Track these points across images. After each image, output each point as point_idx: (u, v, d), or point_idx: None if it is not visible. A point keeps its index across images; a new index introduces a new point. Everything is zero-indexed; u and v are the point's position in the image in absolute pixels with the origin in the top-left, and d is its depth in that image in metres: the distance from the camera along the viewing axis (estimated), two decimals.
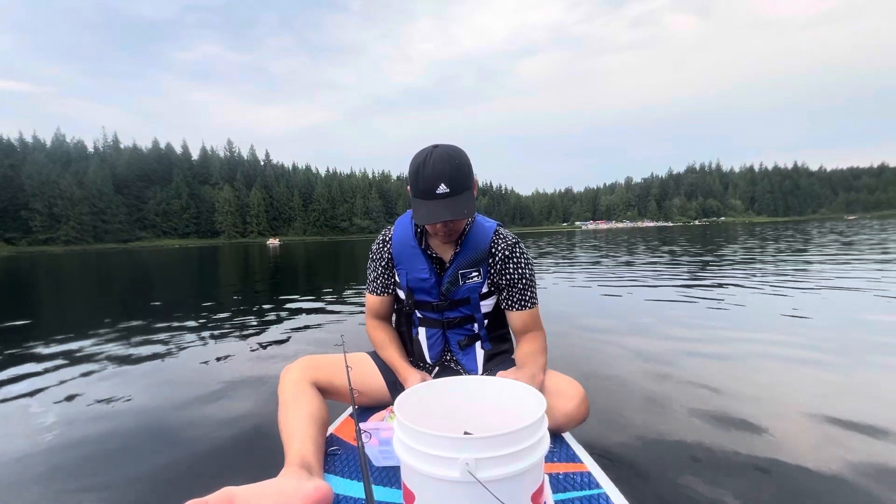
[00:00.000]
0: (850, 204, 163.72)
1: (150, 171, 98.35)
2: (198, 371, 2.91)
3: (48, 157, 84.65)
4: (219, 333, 3.97)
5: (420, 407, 0.94)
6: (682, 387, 2.27)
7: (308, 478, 1.04)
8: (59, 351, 3.47)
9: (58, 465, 1.69)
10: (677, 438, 1.73)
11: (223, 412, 2.16)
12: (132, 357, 3.25)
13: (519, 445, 0.76)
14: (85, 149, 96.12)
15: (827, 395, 2.14)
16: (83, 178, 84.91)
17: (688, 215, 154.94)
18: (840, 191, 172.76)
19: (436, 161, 1.24)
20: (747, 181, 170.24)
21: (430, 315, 1.50)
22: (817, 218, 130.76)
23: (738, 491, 1.39)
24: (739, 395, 2.15)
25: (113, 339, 3.87)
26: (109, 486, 1.54)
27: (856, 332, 3.26)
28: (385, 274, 1.53)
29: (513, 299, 1.46)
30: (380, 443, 1.14)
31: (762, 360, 2.67)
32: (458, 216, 1.23)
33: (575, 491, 1.07)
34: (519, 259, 1.44)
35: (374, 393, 1.48)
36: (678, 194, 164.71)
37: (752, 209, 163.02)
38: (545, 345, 1.46)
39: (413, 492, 0.81)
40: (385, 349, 1.50)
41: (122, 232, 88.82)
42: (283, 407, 1.27)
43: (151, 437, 1.92)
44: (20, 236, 78.11)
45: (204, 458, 1.72)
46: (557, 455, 1.23)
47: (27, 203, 78.23)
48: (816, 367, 2.53)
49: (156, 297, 7.44)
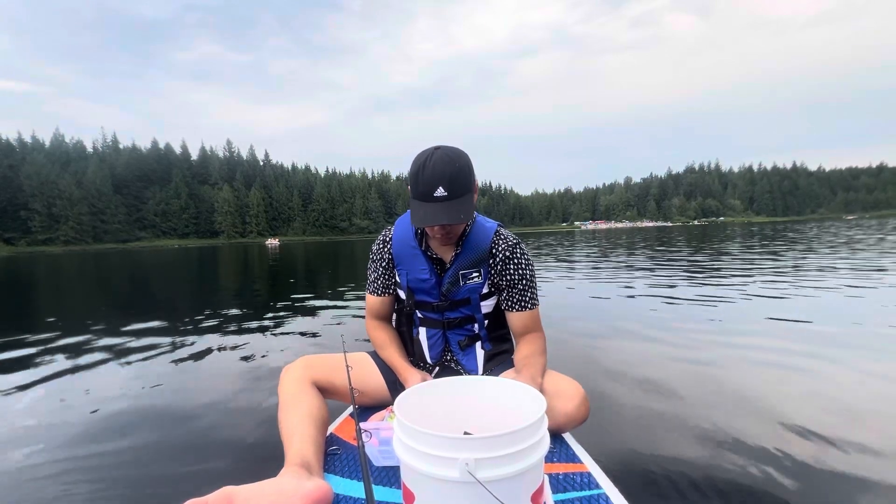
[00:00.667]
0: (848, 204, 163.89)
1: (149, 172, 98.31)
2: (198, 371, 2.91)
3: (47, 157, 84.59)
4: (219, 333, 3.97)
5: (420, 407, 0.94)
6: (683, 387, 2.27)
7: (308, 477, 1.04)
8: (58, 352, 3.47)
9: (57, 466, 1.69)
10: (677, 439, 1.73)
11: (223, 412, 2.16)
12: (131, 358, 3.25)
13: (519, 446, 0.76)
14: (84, 149, 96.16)
15: (826, 399, 2.14)
16: (82, 178, 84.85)
17: (687, 215, 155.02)
18: (839, 191, 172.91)
19: (436, 163, 1.23)
20: (746, 181, 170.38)
21: (431, 315, 1.50)
22: (816, 218, 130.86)
23: (738, 491, 1.39)
24: (739, 395, 2.15)
25: (112, 339, 3.87)
26: (109, 485, 1.54)
27: (856, 333, 3.27)
28: (385, 274, 1.53)
29: (513, 300, 1.45)
30: (380, 443, 1.14)
31: (763, 362, 2.67)
32: (454, 221, 1.23)
33: (575, 491, 1.07)
34: (520, 260, 1.44)
35: (374, 393, 1.48)
36: (677, 194, 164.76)
37: (751, 209, 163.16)
38: (545, 346, 1.45)
39: (413, 492, 0.81)
40: (385, 349, 1.50)
41: (121, 232, 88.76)
42: (283, 406, 1.27)
43: (151, 436, 1.92)
44: (19, 236, 78.03)
45: (204, 457, 1.72)
46: (557, 455, 1.23)
47: (26, 203, 78.16)
48: (817, 369, 2.53)
49: (156, 297, 7.44)
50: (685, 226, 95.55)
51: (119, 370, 2.95)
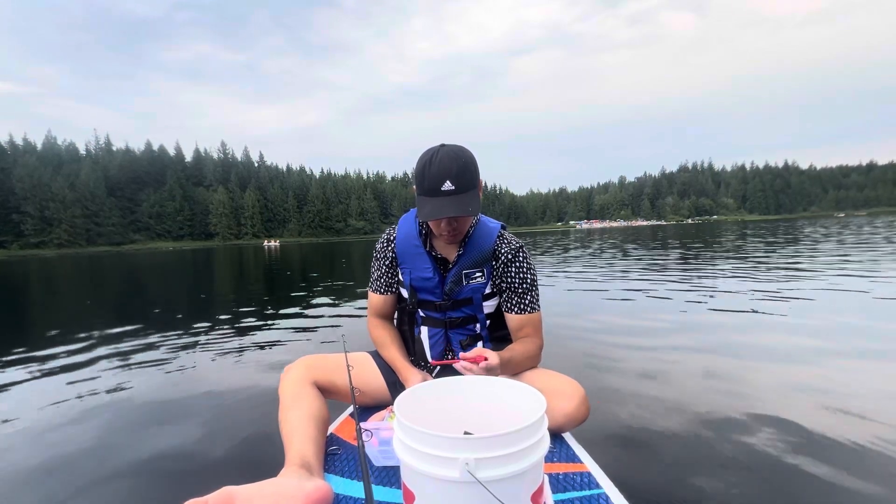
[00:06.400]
0: (840, 201, 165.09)
1: (143, 174, 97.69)
2: (198, 371, 2.90)
3: (39, 159, 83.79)
4: (219, 334, 3.95)
5: (420, 407, 0.94)
6: (683, 387, 2.28)
7: (308, 477, 1.04)
8: (57, 353, 3.45)
9: (57, 466, 1.69)
10: (677, 438, 1.74)
11: (223, 412, 2.16)
12: (131, 358, 3.23)
13: (519, 445, 0.76)
14: (77, 151, 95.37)
15: (828, 393, 2.15)
16: (75, 180, 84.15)
17: (681, 214, 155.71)
18: (830, 189, 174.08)
19: (442, 159, 1.25)
20: (739, 180, 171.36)
21: (433, 314, 1.50)
22: (808, 216, 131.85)
23: (738, 490, 1.40)
24: (740, 394, 2.16)
25: (111, 341, 3.85)
26: (109, 486, 1.54)
27: (856, 329, 3.29)
28: (388, 273, 1.53)
29: (512, 302, 1.46)
30: (380, 443, 1.14)
31: (763, 360, 2.68)
32: (462, 213, 1.23)
33: (575, 491, 1.07)
34: (521, 264, 1.44)
35: (374, 393, 1.47)
36: (671, 193, 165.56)
37: (743, 207, 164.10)
38: (536, 349, 1.43)
39: (413, 492, 0.81)
40: (386, 348, 1.50)
41: (115, 235, 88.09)
42: (284, 407, 1.27)
43: (151, 437, 1.92)
44: (11, 240, 77.25)
45: (204, 458, 1.72)
46: (557, 455, 1.23)
47: (18, 206, 77.42)
48: (819, 365, 2.55)
49: (154, 299, 7.40)
50: (679, 224, 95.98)
51: (118, 371, 2.93)
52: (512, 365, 1.32)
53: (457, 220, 1.32)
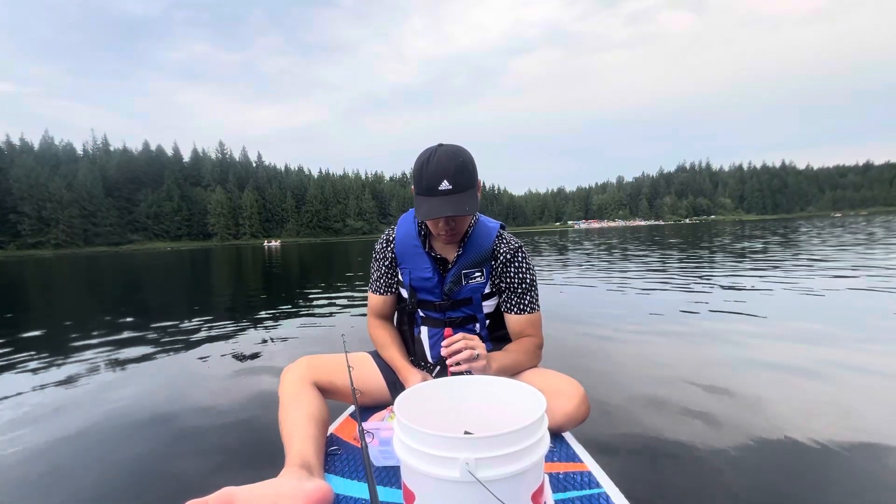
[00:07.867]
0: (836, 201, 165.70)
1: (140, 174, 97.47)
2: (198, 372, 2.90)
3: (36, 159, 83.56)
4: (219, 334, 3.95)
5: (420, 407, 0.94)
6: (683, 387, 2.28)
7: (308, 478, 1.04)
8: (56, 354, 3.43)
9: (57, 466, 1.69)
10: (677, 438, 1.74)
11: (223, 412, 2.16)
12: (131, 359, 3.23)
13: (519, 445, 0.76)
14: (74, 151, 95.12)
15: (828, 393, 2.16)
16: (73, 180, 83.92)
17: (678, 214, 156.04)
18: (827, 188, 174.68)
19: (440, 158, 1.25)
20: (736, 180, 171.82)
21: (433, 314, 1.50)
22: (805, 216, 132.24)
23: (738, 490, 1.40)
24: (740, 395, 2.16)
25: (111, 341, 3.84)
26: (109, 486, 1.54)
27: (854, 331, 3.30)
28: (388, 273, 1.53)
29: (511, 302, 1.46)
30: (380, 443, 1.14)
31: (768, 362, 2.66)
32: (459, 212, 1.23)
33: (575, 490, 1.07)
34: (520, 264, 1.45)
35: (374, 393, 1.47)
36: (669, 193, 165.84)
37: (741, 207, 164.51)
38: (534, 348, 1.44)
39: (413, 492, 0.81)
40: (386, 349, 1.50)
41: (112, 235, 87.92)
42: (284, 407, 1.26)
43: (152, 437, 1.92)
44: (8, 240, 77.02)
45: (204, 458, 1.72)
46: (557, 455, 1.23)
47: (15, 206, 77.22)
48: (816, 367, 2.54)
49: (153, 300, 7.38)
50: (677, 224, 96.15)
51: (118, 372, 2.93)
52: (511, 365, 1.33)
53: (454, 219, 1.33)
